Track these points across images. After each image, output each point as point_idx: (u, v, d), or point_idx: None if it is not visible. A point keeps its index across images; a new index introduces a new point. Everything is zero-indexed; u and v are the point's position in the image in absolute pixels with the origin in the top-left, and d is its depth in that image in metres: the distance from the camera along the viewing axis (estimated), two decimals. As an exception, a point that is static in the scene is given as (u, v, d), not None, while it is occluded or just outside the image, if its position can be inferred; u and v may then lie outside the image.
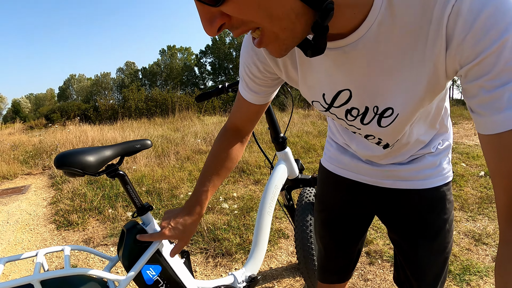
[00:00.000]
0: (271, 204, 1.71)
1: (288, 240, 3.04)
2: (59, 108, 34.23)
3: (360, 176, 1.14)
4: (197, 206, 1.14)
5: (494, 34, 0.52)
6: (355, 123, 0.89)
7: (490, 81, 0.55)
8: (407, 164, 1.04)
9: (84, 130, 9.67)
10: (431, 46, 0.61)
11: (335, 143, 1.22)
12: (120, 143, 1.27)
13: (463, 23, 0.55)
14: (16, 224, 3.88)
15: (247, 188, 4.46)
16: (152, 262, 1.24)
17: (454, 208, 3.34)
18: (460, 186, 4.08)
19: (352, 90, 0.79)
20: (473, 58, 0.56)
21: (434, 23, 0.58)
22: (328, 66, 0.77)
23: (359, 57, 0.70)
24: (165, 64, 66.62)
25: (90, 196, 4.26)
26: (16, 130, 14.79)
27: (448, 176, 1.06)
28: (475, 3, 0.53)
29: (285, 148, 1.92)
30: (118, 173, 1.25)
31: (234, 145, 1.18)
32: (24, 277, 0.98)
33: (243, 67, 0.98)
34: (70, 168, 1.10)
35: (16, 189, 5.30)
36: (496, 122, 0.56)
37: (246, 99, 1.05)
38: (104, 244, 3.19)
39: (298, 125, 9.26)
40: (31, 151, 8.07)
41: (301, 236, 1.95)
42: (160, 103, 19.45)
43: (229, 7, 0.49)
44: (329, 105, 0.87)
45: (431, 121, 0.96)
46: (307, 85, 0.88)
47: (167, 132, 9.36)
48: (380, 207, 1.15)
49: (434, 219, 1.04)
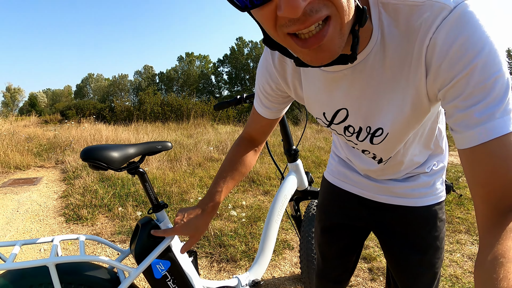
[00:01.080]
0: (279, 212, 1.75)
1: (292, 251, 3.06)
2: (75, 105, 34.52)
3: (359, 190, 1.21)
4: (210, 205, 1.20)
5: (465, 60, 0.60)
6: (352, 139, 0.98)
7: (462, 101, 0.63)
8: (403, 181, 1.11)
9: (99, 129, 9.80)
10: (413, 73, 0.72)
11: (338, 157, 1.30)
12: (143, 143, 1.33)
13: (439, 52, 0.64)
14: (25, 214, 3.95)
15: (256, 198, 4.48)
16: (162, 257, 1.28)
17: (460, 231, 3.34)
18: (468, 210, 4.06)
19: (348, 109, 0.89)
20: (448, 81, 0.65)
21: (416, 53, 0.68)
22: (328, 87, 0.87)
23: (356, 80, 0.80)
24: (183, 70, 66.97)
25: (101, 193, 4.32)
26: (31, 123, 14.96)
27: (440, 196, 1.12)
28: (449, 35, 0.62)
29: (297, 160, 1.96)
30: (139, 170, 1.32)
31: (248, 152, 1.26)
32: (40, 259, 1.03)
33: (258, 85, 1.09)
34: (96, 162, 1.17)
35: (28, 180, 5.40)
36: (468, 137, 0.63)
37: (259, 113, 1.15)
38: (112, 240, 3.24)
39: (311, 140, 9.26)
40: (45, 144, 8.18)
41: (305, 247, 1.98)
42: (175, 108, 19.57)
43: None
44: (329, 122, 0.97)
45: (425, 142, 1.03)
46: (310, 104, 0.99)
47: (181, 138, 9.43)
48: (375, 220, 1.20)
49: (425, 235, 1.10)
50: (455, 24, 0.61)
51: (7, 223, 3.69)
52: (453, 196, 4.46)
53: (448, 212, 3.94)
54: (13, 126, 9.68)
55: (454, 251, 3.06)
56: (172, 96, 22.74)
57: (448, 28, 0.62)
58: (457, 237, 3.33)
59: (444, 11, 0.61)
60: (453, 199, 4.39)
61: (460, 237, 3.33)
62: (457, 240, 3.26)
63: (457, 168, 6.40)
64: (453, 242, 3.23)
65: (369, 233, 1.31)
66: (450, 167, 6.41)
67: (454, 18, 0.61)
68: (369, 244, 3.11)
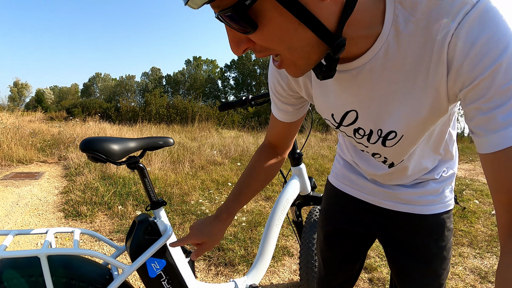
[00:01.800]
0: (280, 216, 1.72)
1: (292, 258, 3.02)
2: (81, 103, 34.70)
3: (364, 195, 1.16)
4: (225, 213, 1.14)
5: (488, 60, 0.57)
6: (363, 141, 0.93)
7: (485, 103, 0.59)
8: (410, 187, 1.06)
9: (104, 127, 9.83)
10: (433, 72, 0.67)
11: (343, 160, 1.26)
12: (144, 137, 1.30)
13: (461, 50, 0.60)
14: (25, 207, 3.94)
15: (257, 203, 4.45)
16: (158, 256, 1.25)
17: (462, 244, 3.30)
18: (471, 223, 4.03)
19: (358, 111, 0.85)
20: (469, 82, 0.61)
21: (436, 51, 0.64)
22: (336, 87, 0.84)
23: (365, 80, 0.76)
24: (190, 74, 67.19)
25: (102, 191, 4.31)
26: (36, 119, 15.03)
27: (449, 204, 1.08)
28: (471, 32, 0.58)
29: (300, 164, 1.93)
30: (138, 165, 1.29)
31: (269, 161, 1.20)
32: (32, 249, 1.00)
33: (270, 88, 1.05)
34: (95, 153, 1.14)
35: (29, 174, 5.40)
36: (492, 141, 0.60)
37: (276, 118, 1.10)
38: (110, 238, 3.20)
39: (315, 148, 9.25)
40: (49, 140, 8.20)
41: (306, 253, 1.94)
42: (181, 111, 19.61)
43: (255, 36, 0.59)
44: (338, 123, 0.93)
45: (434, 145, 0.98)
46: (319, 104, 0.95)
47: (184, 140, 9.43)
48: (381, 227, 1.16)
49: (431, 245, 1.06)
50: (477, 20, 0.58)
51: (6, 215, 3.68)
52: (456, 209, 4.43)
53: (451, 225, 3.90)
54: (19, 121, 9.70)
55: (456, 264, 3.02)
56: (178, 98, 22.80)
57: (470, 24, 0.58)
58: (459, 250, 3.29)
59: (466, 6, 0.58)
60: (457, 211, 4.38)
61: (462, 250, 3.30)
62: (459, 253, 3.23)
63: (461, 181, 6.40)
64: (456, 255, 3.19)
65: (374, 240, 1.25)
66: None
67: (476, 14, 0.57)
68: (370, 254, 3.07)
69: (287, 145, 1.21)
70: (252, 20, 0.55)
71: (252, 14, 0.55)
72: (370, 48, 0.69)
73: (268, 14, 0.55)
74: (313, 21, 0.56)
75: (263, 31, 0.57)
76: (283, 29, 0.57)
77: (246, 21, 0.55)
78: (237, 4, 0.52)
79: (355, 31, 0.64)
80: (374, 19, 0.65)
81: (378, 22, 0.65)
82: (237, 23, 0.56)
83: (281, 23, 0.56)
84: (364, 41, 0.68)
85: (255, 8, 0.54)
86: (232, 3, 0.53)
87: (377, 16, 0.65)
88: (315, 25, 0.57)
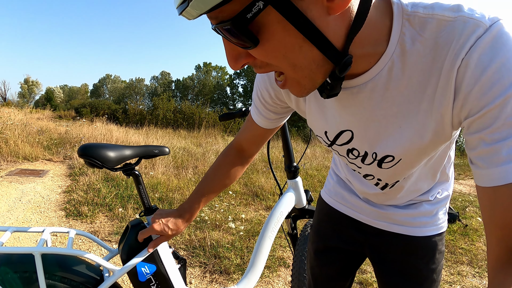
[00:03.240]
0: (273, 229, 1.73)
1: (288, 269, 3.02)
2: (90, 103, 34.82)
3: (356, 214, 1.14)
4: (188, 213, 1.20)
5: (498, 89, 0.54)
6: (356, 162, 0.91)
7: (490, 134, 0.56)
8: (404, 208, 1.04)
9: (110, 129, 9.88)
10: (440, 97, 0.63)
11: (336, 176, 1.23)
12: (140, 146, 1.35)
13: (471, 76, 0.57)
14: (27, 204, 3.99)
15: (257, 212, 4.46)
16: (148, 261, 1.27)
17: (462, 262, 3.27)
18: (472, 241, 3.99)
19: (354, 131, 0.82)
20: (477, 110, 0.58)
21: (444, 74, 0.60)
22: (334, 105, 0.80)
23: (365, 100, 0.72)
24: (199, 79, 67.36)
25: (104, 193, 4.34)
26: (45, 116, 15.19)
27: (442, 226, 1.06)
28: (483, 58, 0.55)
29: (296, 177, 1.95)
30: (134, 172, 1.33)
31: (235, 164, 1.21)
32: (27, 247, 1.04)
33: (256, 91, 1.00)
34: (91, 159, 1.19)
35: (34, 172, 5.45)
36: (492, 175, 0.57)
37: (255, 122, 1.07)
38: (108, 240, 3.24)
39: (319, 159, 9.23)
40: (56, 139, 8.29)
41: (298, 266, 1.95)
42: (188, 116, 19.68)
43: (256, 51, 0.55)
44: (331, 142, 0.90)
45: (432, 168, 0.95)
46: (312, 120, 0.92)
47: (190, 146, 9.46)
48: (372, 246, 1.14)
49: (422, 267, 1.04)
50: (490, 46, 0.55)
51: (8, 210, 3.72)
52: (458, 226, 4.41)
53: (451, 242, 3.89)
54: (27, 118, 9.79)
55: (454, 282, 3.01)
56: (186, 104, 22.87)
57: (482, 49, 0.55)
58: (458, 268, 3.27)
59: (479, 29, 0.55)
60: (458, 228, 4.34)
61: (461, 269, 3.27)
62: (458, 272, 3.21)
63: (464, 197, 6.34)
64: (454, 273, 3.17)
65: (364, 259, 1.24)
66: (457, 196, 6.34)
67: (489, 39, 0.55)
68: (366, 269, 3.06)
69: (257, 150, 1.20)
70: (253, 35, 0.52)
71: (253, 28, 0.51)
72: (373, 66, 0.66)
73: (271, 29, 0.51)
74: (319, 37, 0.53)
75: (264, 46, 0.54)
76: (287, 46, 0.53)
77: (246, 35, 0.51)
78: (237, 17, 0.49)
79: (361, 48, 0.61)
80: (381, 36, 0.62)
81: (384, 40, 0.63)
82: (237, 38, 0.52)
83: (285, 39, 0.53)
84: (368, 59, 0.65)
85: (257, 21, 0.51)
86: (232, 15, 0.49)
87: (384, 33, 0.62)
88: (321, 42, 0.54)
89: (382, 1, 0.62)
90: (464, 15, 0.57)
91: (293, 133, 16.53)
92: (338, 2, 0.50)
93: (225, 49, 0.59)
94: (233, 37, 0.53)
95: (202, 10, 0.49)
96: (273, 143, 10.93)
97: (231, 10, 0.49)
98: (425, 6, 0.60)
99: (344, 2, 0.51)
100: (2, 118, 7.87)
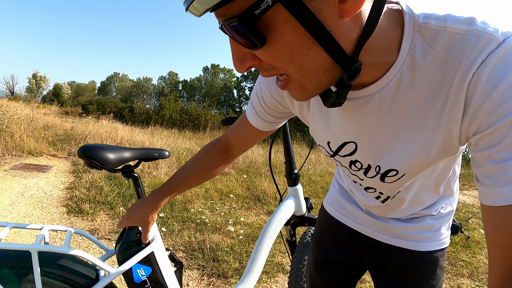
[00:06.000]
0: (272, 235, 1.73)
1: (285, 275, 3.01)
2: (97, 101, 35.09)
3: (358, 225, 1.13)
4: (156, 199, 1.19)
5: (509, 106, 0.52)
6: (358, 174, 0.88)
7: (498, 152, 0.55)
8: (406, 222, 1.02)
9: (116, 127, 9.92)
10: (449, 111, 0.62)
11: (339, 186, 1.22)
12: (140, 148, 1.36)
13: (481, 92, 0.55)
14: (30, 199, 4.01)
15: (258, 216, 4.45)
16: (144, 263, 1.28)
17: (462, 275, 3.24)
18: (474, 253, 3.94)
19: (358, 144, 0.80)
20: (486, 127, 0.56)
21: (455, 89, 0.59)
22: (339, 115, 0.78)
23: (371, 112, 0.71)
24: (206, 81, 67.36)
25: (106, 191, 4.36)
26: (51, 112, 15.33)
27: (444, 242, 1.04)
28: (494, 74, 0.53)
29: (297, 184, 1.95)
30: (133, 174, 1.35)
31: (218, 160, 1.18)
32: (24, 244, 1.05)
33: (256, 92, 0.97)
34: (91, 160, 1.20)
35: (38, 167, 5.48)
36: (498, 194, 0.55)
37: (250, 122, 1.04)
38: (108, 238, 3.25)
39: (323, 165, 9.20)
40: (61, 135, 8.33)
41: (295, 273, 1.95)
42: (194, 117, 19.74)
43: (262, 52, 0.54)
44: (334, 152, 0.88)
45: (436, 181, 0.93)
46: (315, 130, 0.90)
47: (194, 147, 9.47)
48: (372, 259, 1.12)
49: (422, 282, 1.02)
50: (503, 61, 0.53)
51: (10, 204, 3.75)
52: (460, 238, 4.36)
53: (452, 254, 3.85)
54: (33, 113, 9.85)
55: (453, 296, 2.97)
56: (192, 105, 22.96)
57: (494, 64, 0.54)
58: (458, 281, 3.24)
59: (491, 44, 0.54)
60: (460, 240, 4.30)
61: (461, 281, 3.24)
62: (458, 285, 3.17)
63: (468, 208, 6.27)
64: (454, 286, 3.14)
65: (365, 271, 1.23)
66: (461, 207, 6.29)
67: (502, 54, 0.53)
68: (365, 279, 3.04)
69: (243, 151, 1.17)
70: (261, 33, 0.50)
71: (261, 26, 0.50)
72: (382, 77, 0.64)
73: (280, 29, 0.50)
74: (329, 40, 0.51)
75: (272, 47, 0.52)
76: (295, 47, 0.52)
77: (253, 33, 0.50)
78: (245, 13, 0.48)
79: (370, 56, 0.60)
80: (391, 45, 0.61)
81: (394, 49, 0.61)
82: (243, 36, 0.51)
83: (293, 40, 0.51)
84: (377, 68, 0.63)
85: (265, 19, 0.49)
86: (239, 11, 0.48)
87: (394, 42, 0.61)
88: (331, 45, 0.52)
89: (394, 11, 0.61)
90: (477, 28, 0.56)
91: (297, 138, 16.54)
92: (351, 5, 0.49)
93: (232, 51, 0.58)
94: (240, 35, 0.51)
95: (208, 5, 0.48)
96: (277, 147, 10.93)
97: (239, 7, 0.48)
98: (437, 18, 0.59)
99: (356, 5, 0.49)
100: (8, 112, 7.91)
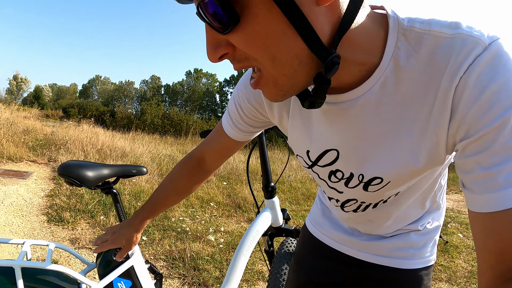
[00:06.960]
0: (249, 247, 1.78)
1: (266, 283, 3.04)
2: (78, 104, 34.65)
3: (339, 245, 1.09)
4: (138, 221, 1.23)
5: (497, 110, 0.52)
6: (337, 186, 0.84)
7: (487, 158, 0.54)
8: (390, 239, 0.99)
9: (97, 132, 9.77)
10: (436, 116, 0.60)
11: (321, 203, 1.19)
12: (118, 165, 1.42)
13: (469, 96, 0.55)
14: (9, 207, 3.96)
15: (239, 224, 4.48)
16: (125, 276, 1.32)
17: (441, 279, 3.30)
18: (452, 258, 4.00)
19: (340, 151, 0.76)
20: (473, 132, 0.55)
21: (442, 93, 0.58)
22: (320, 121, 0.76)
23: (355, 117, 0.68)
24: (189, 85, 67.21)
25: (87, 199, 4.33)
26: (32, 115, 14.93)
27: (430, 259, 1.00)
28: (482, 78, 0.53)
29: (274, 197, 1.98)
30: (112, 191, 1.40)
31: (194, 176, 1.16)
32: (8, 260, 1.08)
33: (234, 100, 0.94)
34: (70, 178, 1.25)
35: (18, 173, 5.39)
36: (489, 201, 0.54)
37: (226, 132, 1.00)
38: (89, 248, 3.25)
39: (304, 172, 9.22)
40: (41, 140, 8.16)
41: (273, 283, 1.99)
42: (175, 123, 19.66)
43: (236, 36, 0.51)
44: (312, 162, 0.84)
45: (423, 194, 0.91)
46: (293, 139, 0.86)
47: (176, 153, 9.42)
48: (354, 278, 1.07)
49: None
50: (490, 65, 0.53)
51: (-11, 213, 3.70)
52: (439, 242, 4.39)
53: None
54: (13, 116, 9.68)
55: (430, 301, 3.04)
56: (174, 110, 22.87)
57: (481, 68, 0.53)
58: (437, 286, 3.30)
59: (478, 47, 0.53)
60: (438, 245, 4.30)
61: (440, 286, 3.31)
62: (436, 289, 3.20)
63: (447, 212, 6.36)
64: (432, 291, 3.20)
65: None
66: (440, 212, 6.37)
67: (489, 58, 0.53)
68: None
69: (219, 165, 1.14)
70: (235, 12, 0.48)
71: (236, 6, 0.48)
72: (366, 81, 0.63)
73: (255, 10, 0.48)
74: (305, 26, 0.49)
75: (245, 30, 0.49)
76: (269, 30, 0.49)
77: (228, 11, 0.47)
78: None
79: (351, 52, 0.58)
80: (373, 45, 0.60)
81: (376, 51, 0.60)
82: (216, 16, 0.48)
83: (267, 22, 0.49)
84: (358, 67, 0.61)
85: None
86: None
87: (377, 43, 0.60)
88: (307, 31, 0.50)
89: (379, 14, 0.61)
90: (462, 32, 0.56)
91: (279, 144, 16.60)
92: None
93: (206, 38, 0.55)
94: (214, 16, 0.49)
95: None
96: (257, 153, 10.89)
97: None
98: (422, 22, 0.59)
99: None
100: (-13, 116, 7.77)
